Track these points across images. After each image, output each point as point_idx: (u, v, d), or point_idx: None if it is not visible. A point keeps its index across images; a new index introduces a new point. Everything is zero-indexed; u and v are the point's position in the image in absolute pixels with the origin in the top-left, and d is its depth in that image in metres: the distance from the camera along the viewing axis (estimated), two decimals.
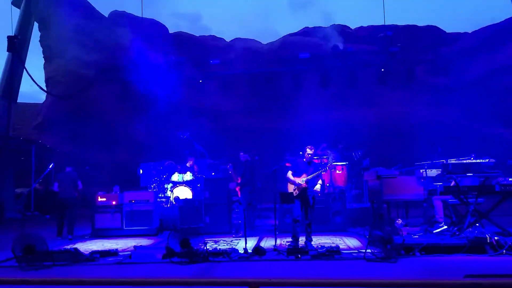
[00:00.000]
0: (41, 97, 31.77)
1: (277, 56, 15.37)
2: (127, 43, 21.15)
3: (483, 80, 20.81)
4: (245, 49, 23.36)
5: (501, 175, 7.02)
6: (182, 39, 24.39)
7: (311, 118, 21.71)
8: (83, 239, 10.05)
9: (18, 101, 17.65)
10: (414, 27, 23.88)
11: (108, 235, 10.17)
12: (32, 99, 29.89)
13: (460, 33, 23.76)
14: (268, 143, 18.16)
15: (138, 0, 14.16)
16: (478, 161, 7.12)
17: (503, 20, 20.81)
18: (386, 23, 13.80)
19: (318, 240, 7.94)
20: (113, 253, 7.41)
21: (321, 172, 7.72)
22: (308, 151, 7.78)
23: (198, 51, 23.14)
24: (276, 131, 20.70)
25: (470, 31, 22.88)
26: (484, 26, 21.82)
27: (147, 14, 20.04)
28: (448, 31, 24.27)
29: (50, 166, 11.13)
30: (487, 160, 7.11)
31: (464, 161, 7.19)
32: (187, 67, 14.43)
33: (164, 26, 25.06)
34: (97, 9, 23.91)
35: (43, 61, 22.55)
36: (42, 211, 17.11)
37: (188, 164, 13.04)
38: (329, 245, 6.91)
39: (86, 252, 7.30)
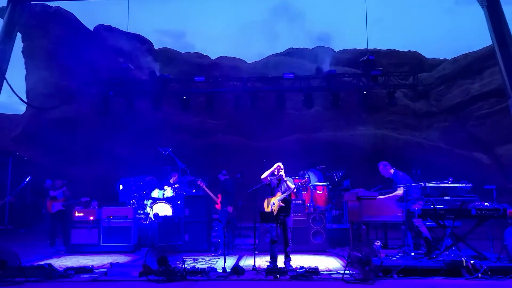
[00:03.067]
0: (20, 108, 31.31)
1: (262, 75, 15.52)
2: (111, 57, 21.11)
3: (462, 106, 21.33)
4: (230, 68, 23.55)
5: (478, 199, 7.15)
6: (168, 55, 24.48)
7: (294, 138, 21.87)
8: (58, 254, 9.82)
9: None
10: (395, 52, 24.47)
11: (84, 251, 9.97)
12: (9, 110, 29.45)
13: (440, 59, 24.41)
14: (250, 162, 18.17)
15: (124, 15, 14.13)
16: (455, 185, 7.24)
17: (481, 48, 21.45)
18: (369, 47, 14.06)
19: (297, 261, 7.91)
20: (88, 269, 7.24)
21: (293, 190, 7.75)
22: (277, 166, 7.80)
23: (183, 67, 23.23)
24: (258, 150, 20.76)
25: (449, 58, 23.52)
26: (463, 53, 22.45)
27: (133, 29, 20.09)
28: (428, 56, 24.93)
29: (27, 179, 10.93)
30: (464, 184, 7.23)
31: (442, 185, 7.30)
32: (171, 83, 14.41)
33: (149, 41, 25.11)
34: (82, 22, 23.84)
35: (24, 72, 22.28)
36: (17, 224, 16.67)
37: (171, 180, 12.96)
38: (308, 265, 6.89)
39: (60, 268, 7.12)
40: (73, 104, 17.92)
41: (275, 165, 7.79)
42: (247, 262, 8.16)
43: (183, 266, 6.69)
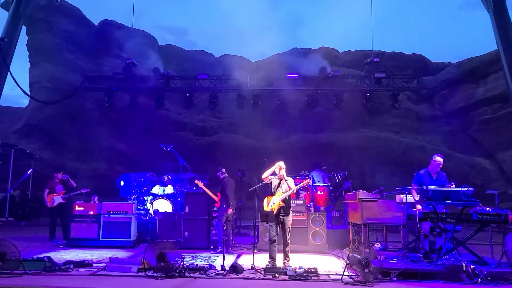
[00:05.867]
0: (23, 101, 31.44)
1: (265, 74, 15.50)
2: (115, 52, 21.13)
3: (465, 110, 21.27)
4: (234, 66, 23.52)
5: (479, 204, 7.11)
6: (172, 52, 24.53)
7: (296, 138, 21.86)
8: (57, 248, 9.82)
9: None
10: (400, 55, 24.42)
11: (83, 245, 9.96)
12: (12, 103, 29.54)
13: (444, 63, 24.34)
14: (251, 161, 18.17)
15: (129, 11, 14.16)
16: (457, 189, 7.19)
17: (486, 53, 21.39)
18: (373, 49, 14.03)
19: (296, 261, 7.89)
20: (87, 264, 7.24)
21: (294, 191, 7.72)
22: (277, 165, 7.76)
23: (186, 65, 23.25)
24: (260, 149, 20.75)
25: (454, 62, 23.45)
26: (468, 57, 22.37)
27: (137, 25, 20.15)
28: (433, 60, 24.86)
29: (28, 172, 10.95)
30: (466, 189, 7.19)
31: (444, 189, 7.26)
32: (174, 80, 14.40)
33: (154, 38, 25.15)
34: (87, 17, 23.88)
35: (28, 65, 22.32)
36: (17, 217, 16.70)
37: (165, 179, 12.98)
38: (307, 266, 6.87)
39: (59, 262, 7.12)
40: (76, 98, 17.91)
41: (276, 164, 7.76)
42: (246, 260, 8.12)
43: (182, 263, 6.68)
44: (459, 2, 62.95)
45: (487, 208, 7.04)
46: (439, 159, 8.24)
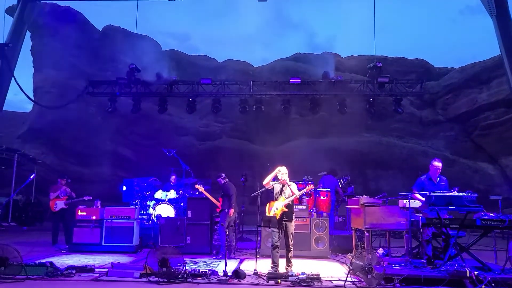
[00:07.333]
0: (26, 106, 31.54)
1: (268, 79, 15.50)
2: (119, 57, 21.21)
3: (468, 115, 21.23)
4: (237, 71, 23.57)
5: (483, 210, 7.07)
6: (175, 57, 24.55)
7: (299, 143, 21.84)
8: (59, 253, 9.82)
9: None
10: (403, 59, 24.41)
11: (86, 250, 9.95)
12: (15, 108, 29.69)
13: (447, 68, 24.33)
14: (254, 166, 18.17)
15: (132, 16, 14.21)
16: (460, 194, 7.16)
17: (488, 58, 21.36)
18: (376, 54, 14.02)
19: (299, 266, 7.86)
20: (89, 269, 7.24)
21: (297, 196, 7.69)
22: (278, 169, 7.73)
23: (189, 69, 23.30)
24: (263, 154, 20.77)
25: (457, 67, 23.42)
26: (471, 62, 22.35)
27: (140, 31, 20.23)
28: (436, 65, 24.83)
29: (31, 177, 10.94)
30: (469, 194, 7.15)
31: (447, 194, 7.23)
32: (177, 84, 14.43)
33: (157, 43, 25.23)
34: (91, 22, 23.99)
35: (32, 70, 22.43)
36: (20, 222, 16.71)
37: (172, 179, 12.97)
38: (309, 271, 6.84)
39: (61, 267, 7.12)
40: (79, 103, 17.97)
41: (276, 169, 7.73)
42: (248, 266, 8.10)
43: (184, 268, 6.67)
44: (460, 7, 63.16)
45: (491, 214, 6.99)
46: (437, 164, 8.21)
